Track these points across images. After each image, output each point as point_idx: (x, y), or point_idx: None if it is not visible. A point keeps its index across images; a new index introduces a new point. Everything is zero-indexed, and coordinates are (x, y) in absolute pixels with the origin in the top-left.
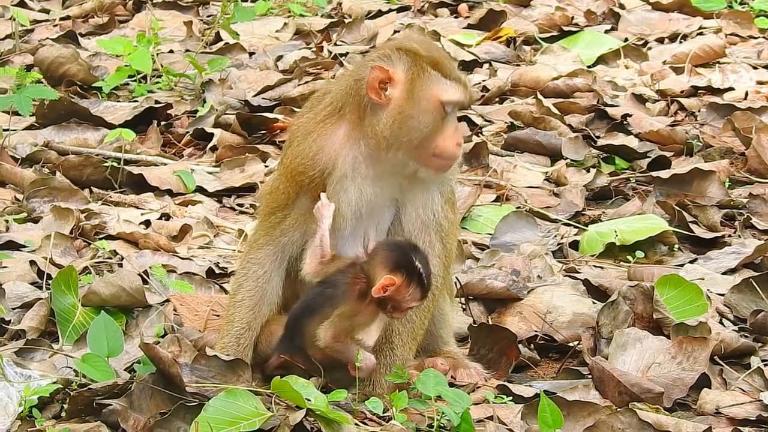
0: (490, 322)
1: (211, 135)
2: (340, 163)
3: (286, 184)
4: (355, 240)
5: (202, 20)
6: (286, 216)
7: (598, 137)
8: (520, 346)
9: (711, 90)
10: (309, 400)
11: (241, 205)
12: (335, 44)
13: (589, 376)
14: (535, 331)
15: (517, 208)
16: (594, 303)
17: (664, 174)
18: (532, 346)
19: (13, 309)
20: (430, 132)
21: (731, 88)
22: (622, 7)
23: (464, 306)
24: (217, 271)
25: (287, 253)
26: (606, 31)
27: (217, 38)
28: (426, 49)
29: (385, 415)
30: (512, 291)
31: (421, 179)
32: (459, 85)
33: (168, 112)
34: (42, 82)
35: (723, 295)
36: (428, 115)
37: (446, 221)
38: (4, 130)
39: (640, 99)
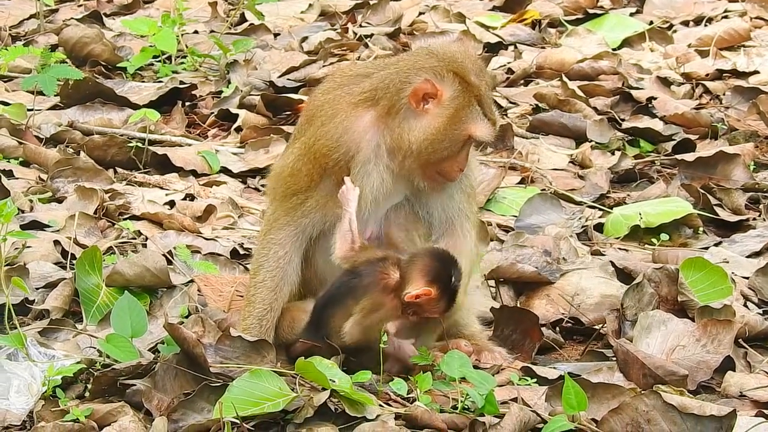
0: (518, 305)
1: (236, 116)
2: (364, 147)
3: (309, 166)
4: (370, 226)
5: (226, 1)
6: (307, 198)
7: (623, 120)
8: (543, 328)
9: (736, 73)
10: (333, 381)
11: (265, 186)
12: (360, 26)
13: (614, 359)
14: (563, 313)
15: (542, 190)
16: (622, 285)
17: (689, 157)
18: (557, 328)
19: (37, 289)
20: (447, 155)
21: (756, 72)
22: None
23: (495, 290)
24: (242, 252)
25: (307, 234)
26: (631, 14)
27: (242, 19)
28: (476, 76)
29: (409, 396)
30: (543, 274)
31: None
32: (492, 126)
33: (193, 92)
34: (66, 62)
35: (747, 278)
36: (454, 143)
37: (471, 214)
38: (29, 110)
39: (665, 82)
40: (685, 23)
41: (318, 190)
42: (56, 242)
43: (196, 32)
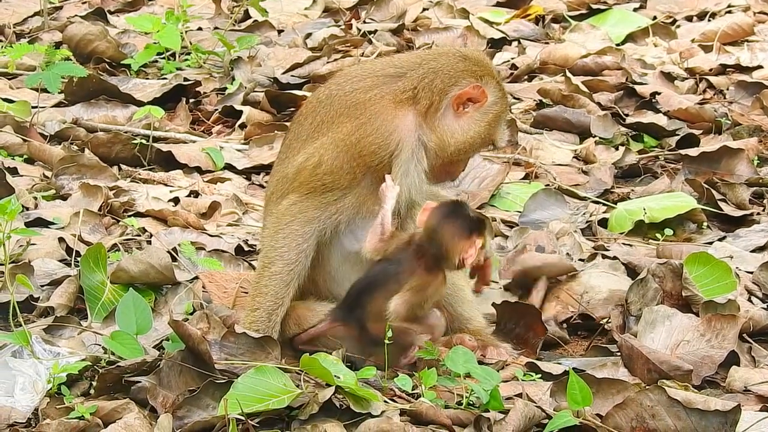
0: (520, 300)
1: (240, 112)
2: (407, 146)
3: (353, 164)
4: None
5: None
6: (345, 194)
7: (627, 115)
8: (549, 324)
9: (739, 68)
10: (338, 378)
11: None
12: (364, 22)
13: (618, 354)
14: (572, 312)
15: (546, 185)
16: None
17: (693, 152)
18: (563, 324)
19: (42, 286)
20: (465, 157)
21: (760, 66)
22: None
23: (508, 289)
24: (246, 249)
25: (333, 230)
26: (635, 9)
27: (246, 16)
28: (505, 88)
29: (414, 392)
30: (566, 261)
31: None
32: (506, 133)
33: (197, 89)
34: (71, 60)
35: (752, 272)
36: (479, 147)
37: None
38: (33, 107)
39: (669, 77)
40: (689, 18)
41: (358, 187)
42: (61, 239)
43: (200, 29)
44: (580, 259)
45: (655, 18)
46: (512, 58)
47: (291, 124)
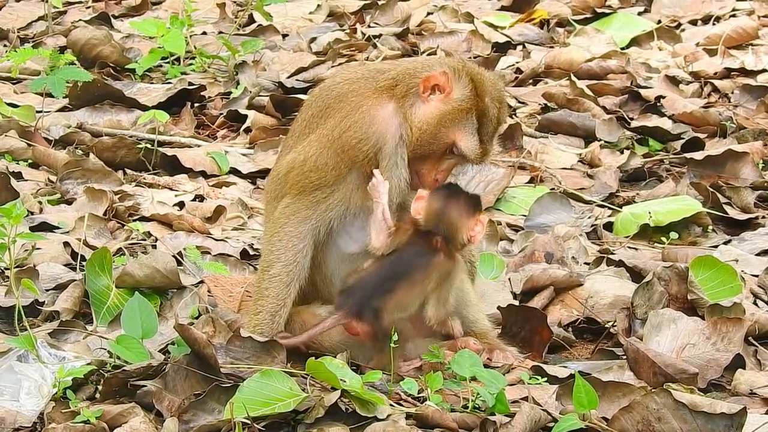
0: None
1: (245, 117)
2: (390, 138)
3: (336, 159)
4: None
5: (235, 2)
6: (333, 191)
7: (632, 119)
8: (554, 327)
9: (744, 72)
10: (344, 381)
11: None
12: (369, 26)
13: (624, 357)
14: (577, 315)
15: (552, 189)
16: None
17: (698, 155)
18: (569, 328)
19: (47, 290)
20: (428, 155)
21: (764, 70)
22: None
23: (516, 296)
24: (252, 253)
25: (327, 228)
26: (639, 13)
27: (251, 20)
28: (492, 100)
29: (420, 395)
30: (574, 276)
31: None
32: (480, 147)
33: (201, 93)
34: (75, 64)
35: (757, 276)
36: (438, 143)
37: None
38: (38, 111)
39: (674, 81)
40: (693, 22)
41: (345, 183)
42: (66, 244)
43: (204, 33)
44: (585, 263)
45: (659, 22)
46: (517, 62)
47: (292, 124)
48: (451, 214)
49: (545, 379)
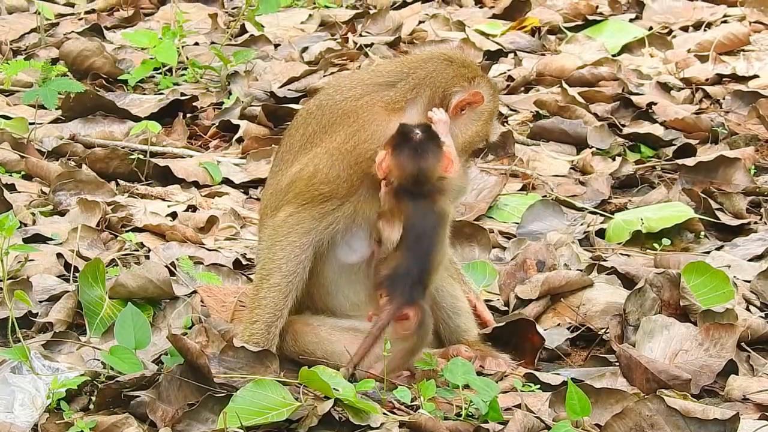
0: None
1: (237, 127)
2: None
3: (350, 171)
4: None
5: (227, 12)
6: (342, 204)
7: (624, 125)
8: (546, 335)
9: (736, 78)
10: (337, 390)
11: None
12: (360, 35)
13: (617, 364)
14: (570, 322)
15: (544, 196)
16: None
17: (690, 162)
18: (567, 341)
19: (41, 302)
20: (463, 157)
21: (756, 76)
22: None
23: (508, 308)
24: (244, 263)
25: (327, 240)
26: (630, 20)
27: (242, 30)
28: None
29: (413, 404)
30: (585, 278)
31: None
32: (498, 127)
33: (194, 104)
34: (68, 76)
35: (749, 281)
36: (476, 144)
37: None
38: (31, 123)
39: (665, 87)
40: (685, 28)
41: (355, 195)
42: (59, 255)
43: (196, 44)
44: (578, 270)
45: (651, 28)
46: (508, 70)
47: (283, 137)
48: (421, 166)
49: (538, 386)
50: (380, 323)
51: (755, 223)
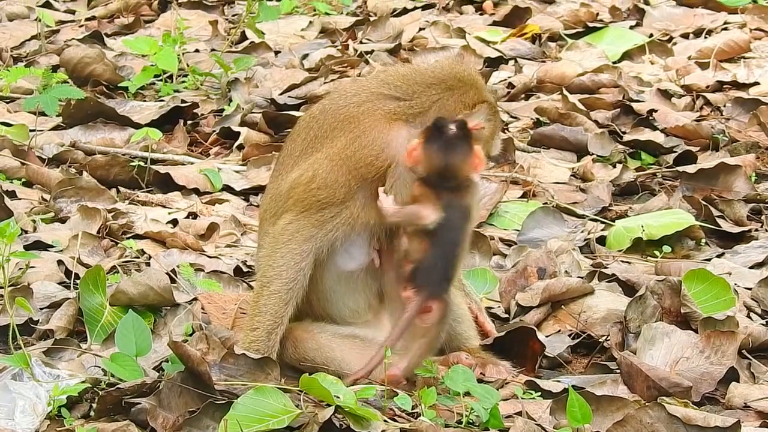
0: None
1: (238, 134)
2: (400, 160)
3: (348, 176)
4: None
5: (227, 19)
6: (341, 211)
7: (624, 133)
8: (547, 343)
9: (736, 85)
10: (338, 397)
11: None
12: (361, 42)
13: (618, 371)
14: (571, 329)
15: (544, 203)
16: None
17: (691, 169)
18: (568, 348)
19: (41, 309)
20: None
21: (756, 83)
22: (646, 2)
23: (507, 312)
24: (245, 270)
25: (327, 248)
26: (631, 27)
27: (243, 37)
28: (496, 103)
29: (413, 411)
30: (586, 285)
31: None
32: (500, 143)
33: (194, 111)
34: (68, 83)
35: (750, 289)
36: None
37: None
38: (31, 130)
39: (666, 94)
40: (685, 36)
41: (352, 201)
42: (60, 262)
43: (197, 51)
44: (578, 277)
45: (651, 36)
46: (509, 77)
47: (285, 142)
48: (450, 161)
49: (539, 393)
50: (408, 315)
51: (756, 230)
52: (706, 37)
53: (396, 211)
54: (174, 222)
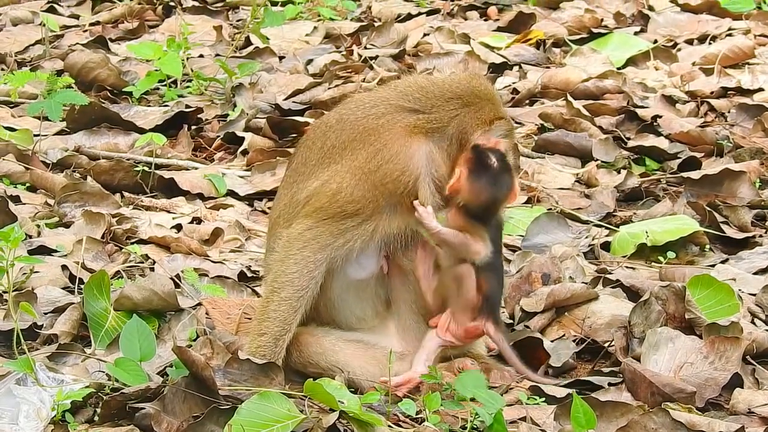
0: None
1: (242, 139)
2: (424, 173)
3: (375, 192)
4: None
5: (231, 24)
6: (364, 222)
7: (629, 138)
8: (551, 349)
9: (740, 91)
10: (342, 403)
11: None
12: (365, 48)
13: (621, 377)
14: (575, 335)
15: (549, 209)
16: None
17: (695, 175)
18: (571, 354)
19: (46, 314)
20: None
21: (761, 89)
22: (651, 8)
23: (513, 321)
24: (249, 275)
25: (342, 258)
26: (635, 33)
27: (247, 42)
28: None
29: (418, 416)
30: (591, 291)
31: None
32: (512, 157)
33: (199, 116)
34: (72, 88)
35: (754, 295)
36: None
37: None
38: (35, 135)
39: (670, 100)
40: (690, 42)
41: (379, 215)
42: (64, 267)
43: (201, 56)
44: (583, 283)
45: (655, 41)
46: (513, 83)
47: (297, 149)
48: (497, 196)
49: (543, 399)
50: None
51: (760, 236)
52: (710, 43)
53: (446, 235)
54: (178, 227)
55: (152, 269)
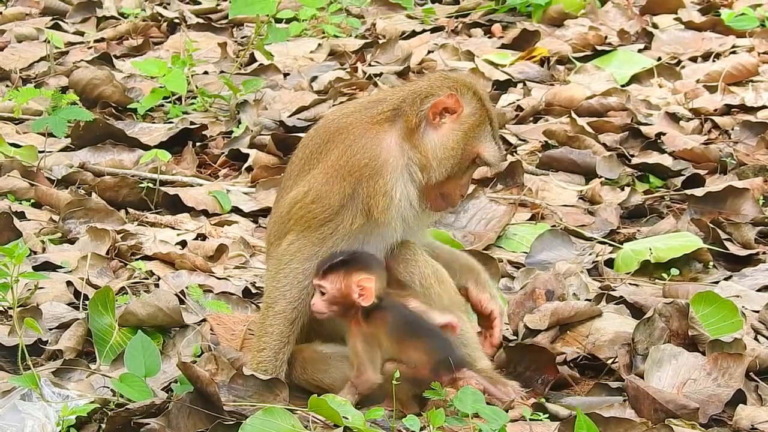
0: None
1: (247, 155)
2: (393, 163)
3: (342, 183)
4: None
5: (236, 41)
6: (338, 226)
7: (633, 156)
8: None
9: (744, 108)
10: (346, 418)
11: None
12: (369, 65)
13: (625, 394)
14: (578, 352)
15: (552, 226)
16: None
17: (699, 192)
18: (571, 364)
19: (50, 329)
20: (451, 174)
21: (765, 106)
22: (655, 26)
23: (515, 334)
24: (254, 291)
25: None
26: (639, 50)
27: (252, 59)
28: (489, 101)
29: None
30: (595, 308)
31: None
32: (499, 150)
33: (203, 133)
34: (77, 104)
35: (758, 311)
36: (463, 161)
37: None
38: (40, 151)
39: (674, 117)
40: (693, 59)
41: (347, 210)
42: (69, 283)
43: (206, 73)
44: (586, 299)
45: (659, 59)
46: (517, 100)
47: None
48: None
49: (547, 415)
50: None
51: (764, 253)
52: (714, 61)
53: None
54: (183, 243)
55: (157, 285)
